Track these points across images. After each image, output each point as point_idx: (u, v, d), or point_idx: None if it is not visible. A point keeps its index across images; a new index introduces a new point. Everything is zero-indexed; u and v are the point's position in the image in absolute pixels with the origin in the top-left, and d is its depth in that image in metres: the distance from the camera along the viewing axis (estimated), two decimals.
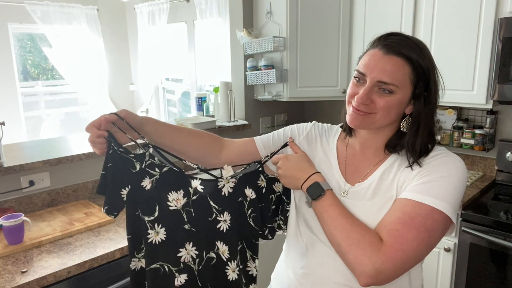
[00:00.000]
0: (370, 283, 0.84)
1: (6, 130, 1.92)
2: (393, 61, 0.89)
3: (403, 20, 2.28)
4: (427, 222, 0.84)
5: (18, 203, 1.84)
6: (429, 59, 0.92)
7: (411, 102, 0.93)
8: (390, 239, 0.84)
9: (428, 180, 0.88)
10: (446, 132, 2.50)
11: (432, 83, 0.92)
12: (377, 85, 0.90)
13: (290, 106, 3.09)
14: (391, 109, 0.91)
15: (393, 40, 0.91)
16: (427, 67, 0.91)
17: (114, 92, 5.20)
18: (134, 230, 0.99)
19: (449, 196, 0.86)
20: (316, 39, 2.54)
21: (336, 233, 0.88)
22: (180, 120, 2.53)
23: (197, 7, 3.88)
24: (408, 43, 0.91)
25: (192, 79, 4.49)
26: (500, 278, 1.89)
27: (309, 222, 1.00)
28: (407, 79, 0.90)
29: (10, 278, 1.31)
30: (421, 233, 0.83)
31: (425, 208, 0.85)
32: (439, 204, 0.85)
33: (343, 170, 1.02)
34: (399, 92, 0.90)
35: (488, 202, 2.07)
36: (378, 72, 0.89)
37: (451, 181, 0.88)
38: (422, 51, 0.91)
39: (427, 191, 0.87)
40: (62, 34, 4.59)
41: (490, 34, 2.00)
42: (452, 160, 0.92)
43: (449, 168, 0.89)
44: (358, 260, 0.84)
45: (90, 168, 2.08)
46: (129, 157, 0.97)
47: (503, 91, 1.98)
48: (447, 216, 0.85)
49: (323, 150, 1.07)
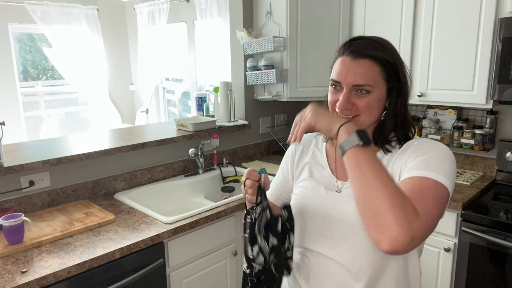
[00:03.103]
0: (397, 249, 0.78)
1: (6, 130, 1.92)
2: (363, 64, 0.95)
3: (403, 20, 2.28)
4: (437, 193, 0.87)
5: (18, 203, 1.84)
6: (393, 53, 0.99)
7: (388, 96, 1.00)
8: (421, 209, 0.81)
9: (424, 159, 0.92)
10: (446, 132, 2.50)
11: (401, 74, 0.99)
12: (353, 88, 0.96)
13: (290, 106, 3.09)
14: (372, 108, 0.97)
15: (357, 45, 0.97)
16: (393, 61, 0.97)
17: (114, 92, 5.20)
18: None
19: (446, 171, 0.90)
20: (316, 39, 2.55)
21: (379, 187, 0.81)
22: (180, 120, 2.53)
23: (197, 7, 3.88)
24: (371, 44, 0.97)
25: (192, 79, 4.49)
26: (500, 278, 1.89)
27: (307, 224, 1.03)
28: (379, 76, 0.96)
29: (10, 278, 1.31)
30: (437, 203, 0.85)
31: (431, 181, 0.88)
32: (440, 178, 0.88)
33: (333, 169, 1.08)
34: (375, 90, 0.96)
35: (488, 202, 2.07)
36: (351, 77, 0.95)
37: (444, 159, 0.92)
38: (385, 48, 0.98)
39: (427, 167, 0.90)
40: (62, 34, 4.58)
41: (490, 34, 2.00)
42: (437, 143, 0.99)
43: (438, 149, 0.95)
44: (398, 221, 0.77)
45: (90, 168, 2.08)
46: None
47: (503, 91, 1.98)
48: (447, 189, 0.89)
49: (313, 156, 1.13)
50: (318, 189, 1.06)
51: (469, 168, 2.50)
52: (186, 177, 2.41)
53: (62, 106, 5.00)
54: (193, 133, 2.44)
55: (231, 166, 2.61)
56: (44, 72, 4.89)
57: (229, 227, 2.00)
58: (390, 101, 0.99)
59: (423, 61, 2.24)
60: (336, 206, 1.01)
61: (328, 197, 1.03)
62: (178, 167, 2.44)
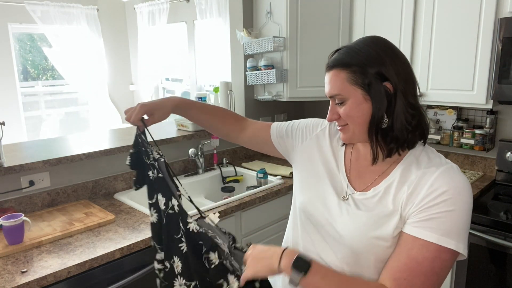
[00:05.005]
0: None
1: (6, 130, 1.92)
2: (331, 74, 0.94)
3: (403, 20, 2.28)
4: (436, 265, 0.81)
5: (18, 203, 1.84)
6: (367, 54, 0.89)
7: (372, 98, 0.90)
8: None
9: (434, 214, 0.83)
10: (446, 132, 2.50)
11: (388, 71, 0.88)
12: (332, 99, 0.96)
13: (290, 106, 3.09)
14: (352, 115, 0.92)
15: (332, 58, 0.96)
16: (364, 61, 0.89)
17: (114, 92, 5.20)
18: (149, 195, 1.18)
19: (457, 231, 0.83)
20: (316, 39, 2.55)
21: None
22: (180, 120, 2.53)
23: (197, 7, 3.88)
24: (343, 52, 0.93)
25: (192, 79, 4.49)
26: (500, 278, 1.89)
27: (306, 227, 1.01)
28: (346, 83, 0.91)
29: (10, 278, 1.31)
30: (430, 278, 0.81)
31: (433, 248, 0.81)
32: (447, 242, 0.81)
33: (347, 172, 1.01)
34: (349, 97, 0.91)
35: (488, 202, 2.07)
36: (327, 89, 0.96)
37: (459, 215, 0.83)
38: (356, 50, 0.91)
39: (433, 228, 0.82)
40: (62, 34, 4.59)
41: (490, 34, 2.00)
42: (458, 188, 0.85)
43: (456, 200, 0.84)
44: None
45: (90, 168, 2.08)
46: (143, 149, 1.17)
47: (503, 91, 1.98)
48: (455, 252, 0.83)
49: (332, 150, 1.07)
50: (329, 197, 0.99)
51: (469, 168, 2.50)
52: (186, 177, 2.41)
53: (62, 106, 5.00)
54: (193, 133, 2.44)
55: (231, 166, 2.61)
56: (44, 72, 4.89)
57: (229, 227, 2.00)
58: (373, 104, 0.89)
59: (423, 61, 2.24)
60: (337, 220, 0.95)
61: (335, 208, 0.97)
62: (178, 167, 2.44)
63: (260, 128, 1.23)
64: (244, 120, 1.27)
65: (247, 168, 2.59)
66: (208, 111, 1.24)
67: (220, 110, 1.27)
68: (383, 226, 0.88)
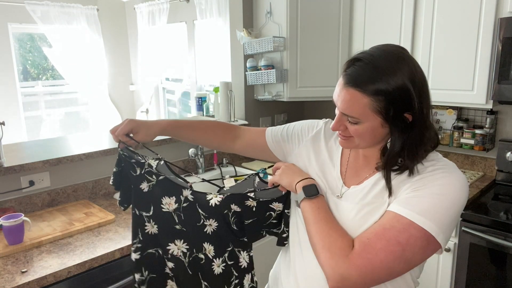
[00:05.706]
0: (336, 286, 0.86)
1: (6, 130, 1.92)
2: (350, 94, 0.87)
3: (403, 20, 2.28)
4: (401, 236, 0.82)
5: (18, 203, 1.84)
6: (396, 84, 0.84)
7: (390, 125, 0.88)
8: (359, 247, 0.85)
9: (418, 194, 0.85)
10: (446, 132, 2.50)
11: (412, 105, 0.85)
12: (343, 115, 0.91)
13: (290, 106, 3.09)
14: (364, 135, 0.91)
15: (354, 69, 0.87)
16: (395, 93, 0.84)
17: (114, 92, 5.20)
18: (134, 222, 1.18)
19: (437, 215, 0.82)
20: (316, 39, 2.55)
21: (314, 235, 0.92)
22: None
23: (197, 7, 3.88)
24: (369, 70, 0.85)
25: (192, 79, 4.48)
26: (500, 278, 1.89)
27: (300, 227, 1.02)
28: (368, 110, 0.86)
29: (10, 278, 1.31)
30: (392, 245, 0.82)
31: (403, 221, 0.83)
32: (420, 220, 0.82)
33: (343, 172, 1.02)
34: (365, 122, 0.88)
35: (488, 202, 2.07)
36: (341, 104, 0.90)
37: (444, 201, 0.84)
38: (385, 75, 0.84)
39: (411, 206, 0.84)
40: (62, 34, 4.58)
41: (490, 34, 2.00)
42: (452, 179, 0.86)
43: (445, 187, 0.85)
44: (326, 263, 0.87)
45: (90, 168, 2.08)
46: (132, 162, 1.14)
47: (503, 91, 1.98)
48: (429, 234, 0.82)
49: (328, 150, 1.07)
50: (325, 195, 1.01)
51: (469, 168, 2.50)
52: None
53: (62, 106, 5.00)
54: None
55: (231, 166, 2.61)
56: (44, 72, 4.89)
57: None
58: (391, 131, 0.88)
59: (423, 61, 2.24)
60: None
61: (331, 206, 0.98)
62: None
63: (255, 135, 1.23)
64: (237, 129, 1.26)
65: (247, 168, 2.60)
66: (197, 128, 1.24)
67: (210, 123, 1.27)
68: (374, 214, 0.90)
